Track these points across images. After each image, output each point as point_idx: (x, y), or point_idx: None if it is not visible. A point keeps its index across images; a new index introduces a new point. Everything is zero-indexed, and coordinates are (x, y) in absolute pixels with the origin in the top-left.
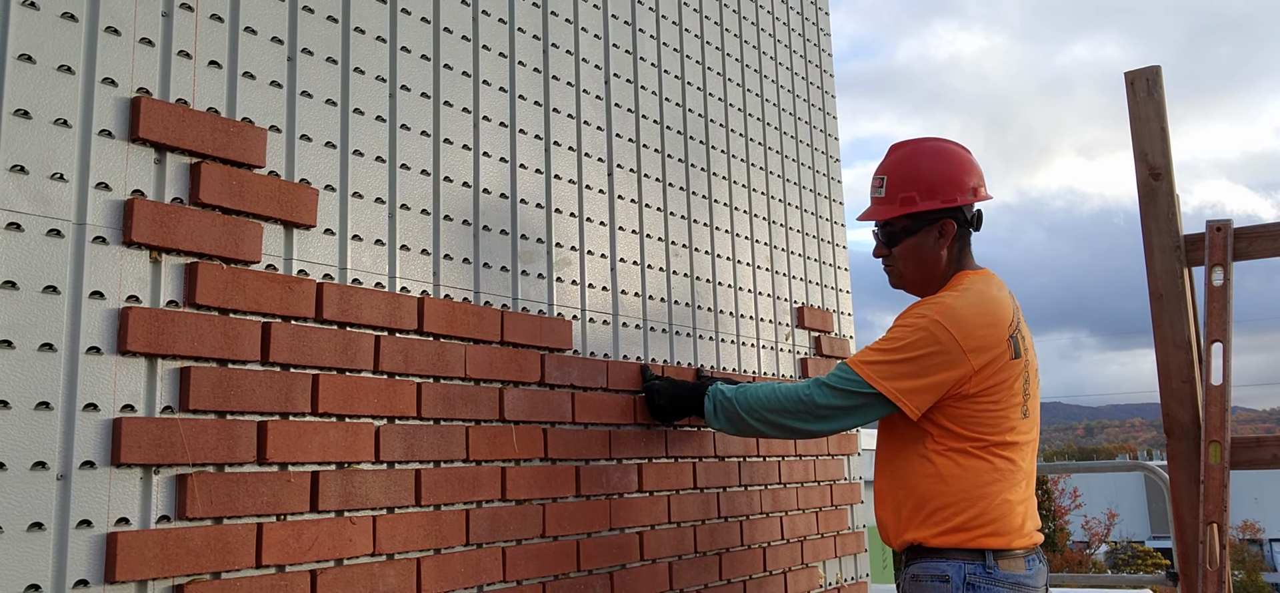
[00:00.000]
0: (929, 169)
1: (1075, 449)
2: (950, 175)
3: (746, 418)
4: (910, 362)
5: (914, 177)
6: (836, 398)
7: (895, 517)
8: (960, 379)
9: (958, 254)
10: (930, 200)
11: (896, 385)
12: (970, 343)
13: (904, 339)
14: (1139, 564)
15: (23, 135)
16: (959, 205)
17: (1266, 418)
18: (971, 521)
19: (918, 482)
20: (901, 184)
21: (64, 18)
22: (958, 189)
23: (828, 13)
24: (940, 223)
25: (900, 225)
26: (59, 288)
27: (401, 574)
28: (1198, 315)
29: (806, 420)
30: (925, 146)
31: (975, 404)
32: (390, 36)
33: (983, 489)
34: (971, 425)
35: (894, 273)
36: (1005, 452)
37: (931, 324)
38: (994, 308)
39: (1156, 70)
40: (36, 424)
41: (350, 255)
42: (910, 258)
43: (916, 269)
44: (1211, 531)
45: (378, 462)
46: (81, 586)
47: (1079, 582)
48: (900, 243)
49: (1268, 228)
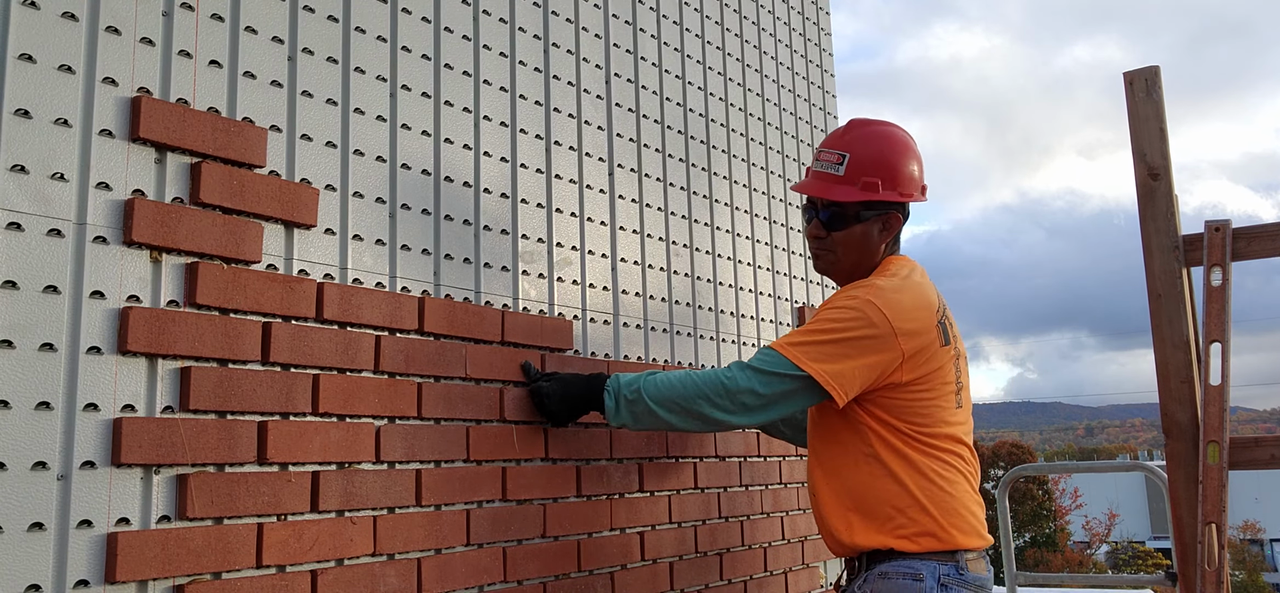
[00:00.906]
0: (893, 157)
1: (1075, 449)
2: (911, 170)
3: (656, 410)
4: (841, 343)
5: (879, 162)
6: (762, 382)
7: (845, 522)
8: (892, 364)
9: (891, 246)
10: (891, 191)
11: (827, 368)
12: (902, 325)
13: (834, 320)
14: (1139, 564)
15: (23, 135)
16: (910, 203)
17: (1266, 418)
18: (940, 520)
19: (869, 483)
20: (865, 167)
21: (64, 17)
22: (913, 185)
23: (828, 13)
24: (888, 216)
25: (853, 210)
26: (59, 288)
27: (402, 574)
28: (1197, 316)
29: (727, 410)
30: (890, 133)
31: (909, 394)
32: (391, 36)
33: (945, 487)
34: (908, 417)
35: (826, 257)
36: (951, 445)
37: (863, 305)
38: (923, 292)
39: (1155, 70)
40: (37, 424)
41: (351, 255)
42: (850, 246)
43: (852, 258)
44: (1210, 531)
45: (378, 462)
46: (82, 586)
47: (1079, 582)
48: (845, 228)
49: (1267, 228)
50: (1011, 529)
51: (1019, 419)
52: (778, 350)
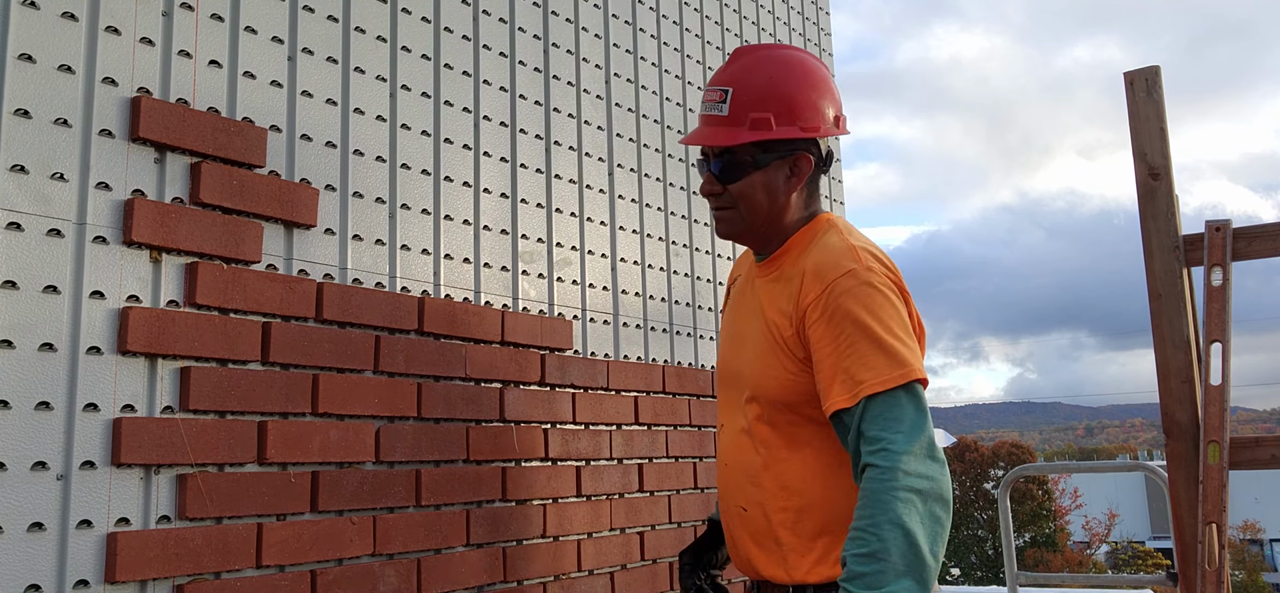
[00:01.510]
0: (789, 86)
1: (1075, 449)
2: (812, 97)
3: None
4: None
5: (769, 94)
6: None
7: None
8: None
9: (808, 196)
10: (788, 126)
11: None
12: (903, 289)
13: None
14: (1139, 565)
15: (23, 135)
16: (818, 137)
17: (1266, 418)
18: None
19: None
20: (752, 101)
21: (64, 17)
22: (820, 115)
23: (828, 13)
24: (795, 157)
25: (747, 155)
26: (59, 288)
27: (402, 574)
28: (1197, 316)
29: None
30: (782, 57)
31: None
32: (391, 36)
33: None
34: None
35: (728, 217)
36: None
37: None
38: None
39: (1156, 70)
40: (37, 424)
41: (350, 255)
42: (753, 200)
43: (760, 214)
44: (1210, 531)
45: (378, 462)
46: (82, 586)
47: (1080, 582)
48: (743, 177)
49: (1267, 228)
50: (1012, 529)
51: (1019, 419)
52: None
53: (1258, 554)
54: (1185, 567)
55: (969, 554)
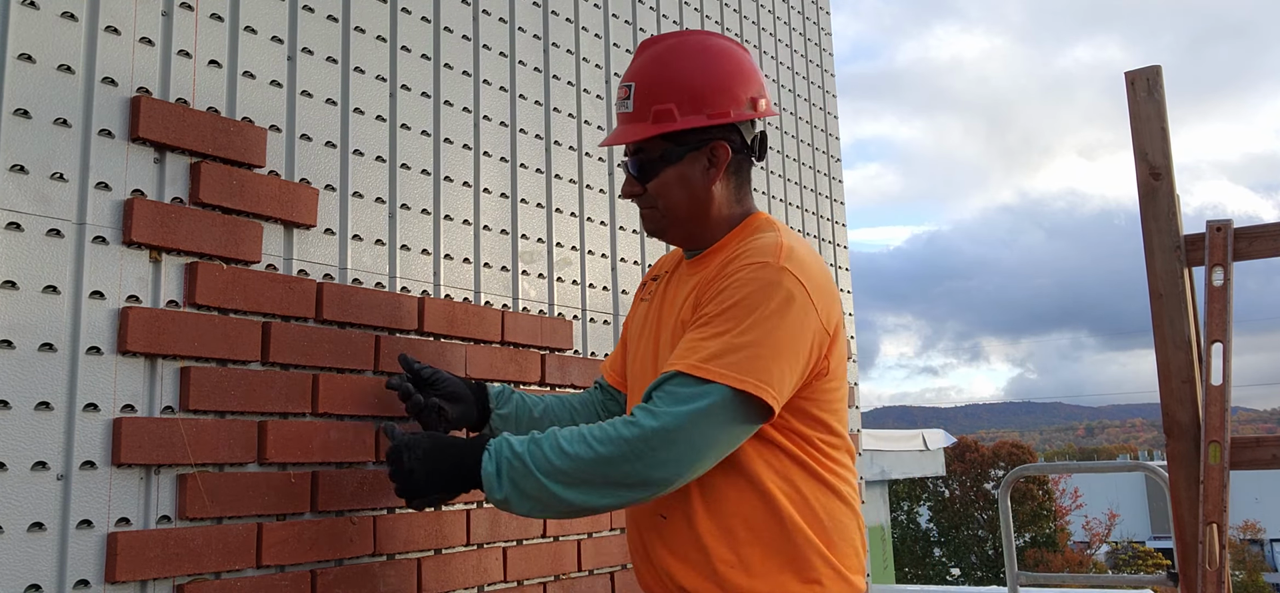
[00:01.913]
0: (693, 73)
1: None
2: (720, 82)
3: (550, 485)
4: (765, 335)
5: (672, 83)
6: (679, 424)
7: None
8: (820, 344)
9: (736, 189)
10: (694, 115)
11: (759, 374)
12: (819, 294)
13: (747, 307)
14: (1140, 565)
15: (23, 135)
16: (734, 123)
17: (1267, 418)
18: (837, 556)
19: (759, 508)
20: (655, 93)
21: (64, 17)
22: (731, 100)
23: (829, 13)
24: (711, 147)
25: (656, 150)
26: (59, 288)
27: (402, 575)
28: (1198, 316)
29: (637, 472)
30: (688, 43)
31: (826, 387)
32: (390, 36)
33: (845, 514)
34: (818, 423)
35: (652, 217)
36: (849, 458)
37: (778, 275)
38: (818, 255)
39: (1157, 70)
40: (37, 424)
41: (350, 255)
42: (671, 197)
43: (682, 212)
44: (1211, 531)
45: (378, 462)
46: (82, 586)
47: (1080, 582)
48: (657, 174)
49: (1268, 228)
50: (1012, 529)
51: (1019, 419)
52: (694, 374)
53: (1258, 555)
54: (1186, 567)
55: (969, 555)
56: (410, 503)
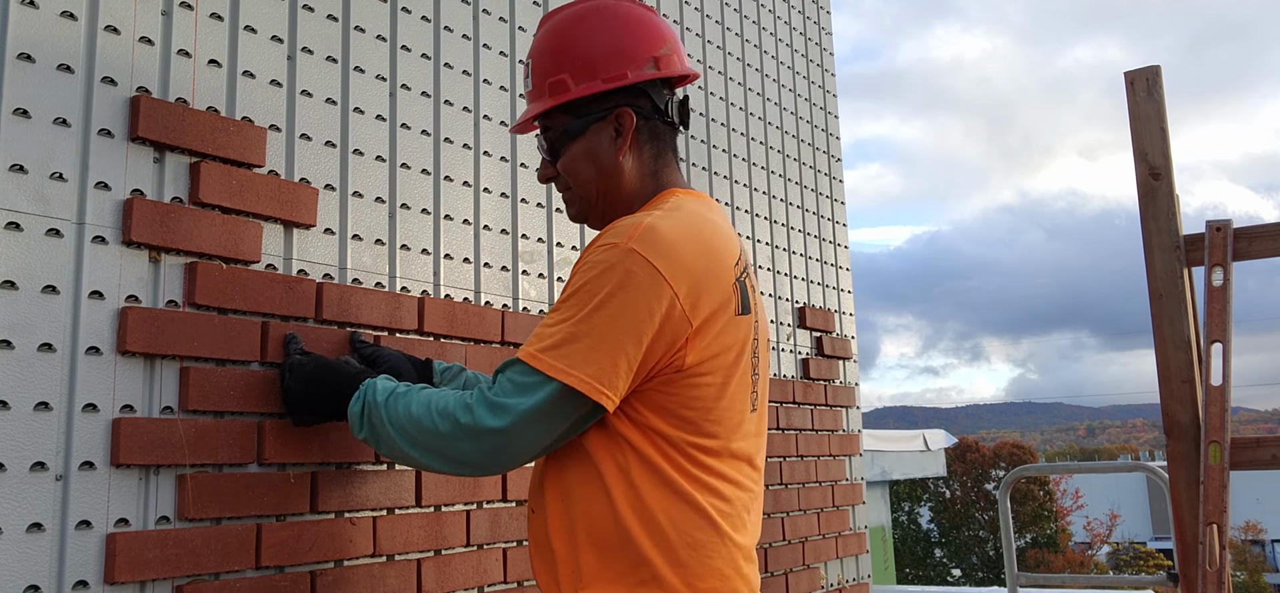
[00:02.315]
0: (585, 39)
1: (1077, 450)
2: (616, 43)
3: (395, 438)
4: (599, 325)
5: (564, 52)
6: (510, 417)
7: (570, 563)
8: (675, 337)
9: (653, 161)
10: (588, 83)
11: (590, 369)
12: (682, 280)
13: (587, 294)
14: (1141, 565)
15: (22, 135)
16: (635, 84)
17: (1268, 418)
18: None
19: (606, 514)
20: (548, 66)
21: (63, 17)
22: (628, 61)
23: (829, 12)
24: (615, 115)
25: (559, 126)
26: (59, 288)
27: (401, 575)
28: (1198, 316)
29: (465, 452)
30: (574, 11)
31: (691, 385)
32: (390, 35)
33: (701, 529)
34: (686, 423)
35: (570, 200)
36: (736, 471)
37: (624, 257)
38: (712, 234)
39: (1156, 70)
40: (36, 425)
41: (350, 255)
42: (580, 174)
43: (592, 188)
44: (1211, 531)
45: (377, 462)
46: (81, 586)
47: (1081, 583)
48: (564, 151)
49: (1268, 228)
50: (1012, 530)
51: (1020, 420)
52: (526, 361)
53: (1259, 555)
54: (1186, 568)
55: (970, 555)
56: (290, 419)
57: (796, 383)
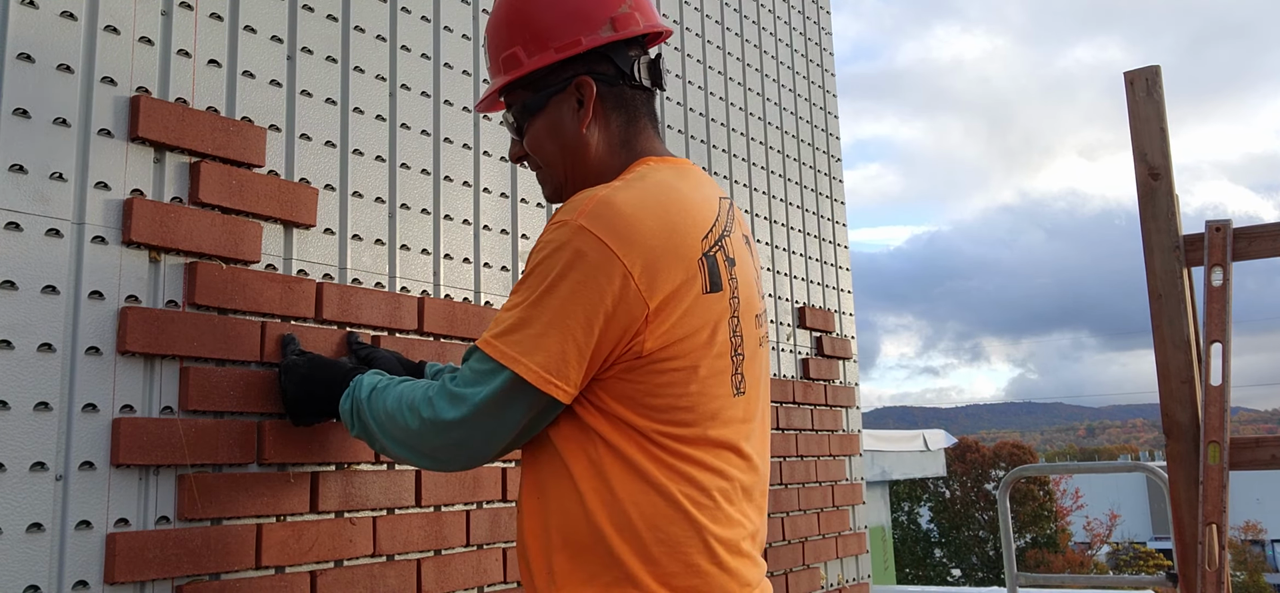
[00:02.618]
0: (538, 8)
1: (1076, 450)
2: (570, 8)
3: (378, 434)
4: (548, 310)
5: (515, 24)
6: (468, 409)
7: (545, 568)
8: (630, 322)
9: (623, 129)
10: (541, 54)
11: (539, 357)
12: (635, 256)
13: (537, 278)
14: (1141, 565)
15: (22, 135)
16: (593, 50)
17: (1267, 418)
18: (659, 575)
19: (576, 511)
20: (500, 42)
21: (63, 17)
22: (583, 25)
23: (829, 12)
24: (575, 84)
25: (519, 101)
26: (58, 288)
27: (401, 575)
28: (1197, 316)
29: (435, 448)
30: None
31: (657, 372)
32: (390, 35)
33: (674, 523)
34: (656, 412)
35: (541, 178)
36: (717, 458)
37: (573, 235)
38: (678, 205)
39: (1156, 70)
40: (36, 425)
41: (350, 255)
42: (543, 148)
43: (557, 164)
44: (1211, 531)
45: (377, 462)
46: (81, 586)
47: (1080, 583)
48: (528, 129)
49: (1267, 228)
50: (1011, 530)
51: (1020, 420)
52: (480, 347)
53: (1259, 555)
54: (1185, 568)
55: (970, 555)
56: (289, 419)
57: (796, 383)
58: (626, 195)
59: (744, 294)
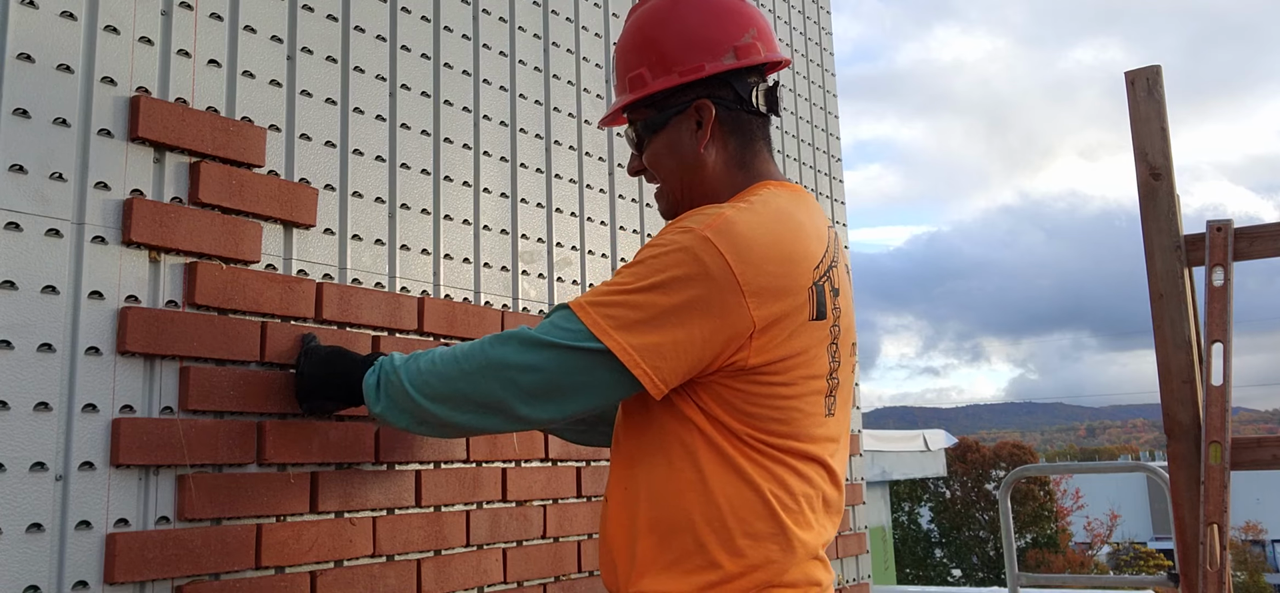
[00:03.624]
0: (664, 31)
1: (1077, 450)
2: (693, 35)
3: (416, 398)
4: (657, 302)
5: (644, 46)
6: (541, 356)
7: (627, 551)
8: (735, 337)
9: (740, 152)
10: (665, 77)
11: (634, 339)
12: (753, 280)
13: (651, 267)
14: (1141, 565)
15: (22, 135)
16: (715, 75)
17: (1268, 419)
18: (741, 567)
19: (667, 496)
20: (629, 62)
21: (63, 16)
22: (707, 52)
23: (829, 13)
24: (695, 107)
25: (641, 119)
26: (58, 288)
27: (401, 576)
28: (1198, 316)
29: (498, 395)
30: (646, 9)
31: (755, 385)
32: (390, 35)
33: (761, 518)
34: (752, 419)
35: (659, 193)
36: (808, 468)
37: (696, 244)
38: (794, 233)
39: (1157, 70)
40: (36, 425)
41: (350, 255)
42: (665, 168)
43: (674, 181)
44: (1212, 531)
45: (377, 462)
46: (81, 587)
47: (1081, 583)
48: (648, 146)
49: (1269, 228)
50: (1012, 530)
51: (1020, 420)
52: (574, 311)
53: (1259, 555)
54: (1187, 568)
55: (970, 555)
56: (303, 408)
57: None
58: (749, 219)
59: (844, 323)
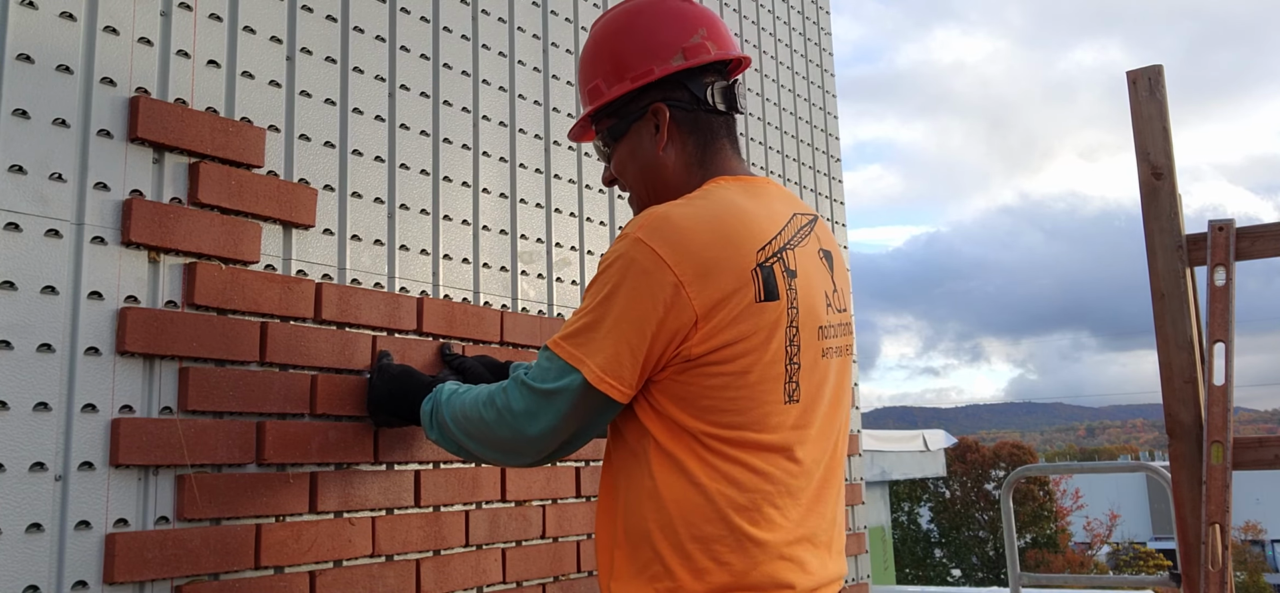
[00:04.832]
0: (614, 40)
1: (1077, 450)
2: (640, 40)
3: (457, 434)
4: (607, 314)
5: (597, 57)
6: (536, 403)
7: (608, 561)
8: (680, 327)
9: (699, 151)
10: (618, 84)
11: (599, 359)
12: (688, 267)
13: (601, 283)
14: (1141, 565)
15: (21, 135)
16: (667, 77)
17: (1269, 419)
18: (692, 573)
19: (632, 505)
20: (586, 74)
21: (62, 17)
22: (655, 56)
23: (829, 13)
24: (651, 111)
25: (605, 128)
26: (58, 288)
27: (401, 576)
28: (1200, 315)
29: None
30: (618, 12)
31: (705, 375)
32: (389, 36)
33: (709, 521)
34: (705, 412)
35: (631, 201)
36: (758, 457)
37: (630, 247)
38: (735, 218)
39: (1158, 70)
40: (35, 425)
41: (349, 255)
42: (628, 174)
43: (640, 186)
44: (1214, 531)
45: (377, 462)
46: (80, 587)
47: (1081, 583)
48: (614, 156)
49: (1270, 228)
50: (1014, 530)
51: (1020, 420)
52: (551, 348)
53: (1259, 555)
54: (1188, 567)
55: (970, 556)
56: (373, 420)
57: None
58: (684, 210)
59: (805, 305)
